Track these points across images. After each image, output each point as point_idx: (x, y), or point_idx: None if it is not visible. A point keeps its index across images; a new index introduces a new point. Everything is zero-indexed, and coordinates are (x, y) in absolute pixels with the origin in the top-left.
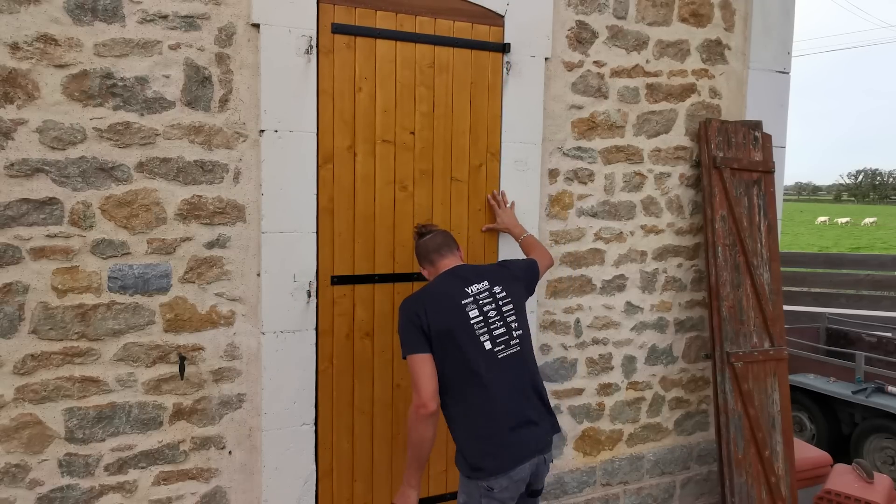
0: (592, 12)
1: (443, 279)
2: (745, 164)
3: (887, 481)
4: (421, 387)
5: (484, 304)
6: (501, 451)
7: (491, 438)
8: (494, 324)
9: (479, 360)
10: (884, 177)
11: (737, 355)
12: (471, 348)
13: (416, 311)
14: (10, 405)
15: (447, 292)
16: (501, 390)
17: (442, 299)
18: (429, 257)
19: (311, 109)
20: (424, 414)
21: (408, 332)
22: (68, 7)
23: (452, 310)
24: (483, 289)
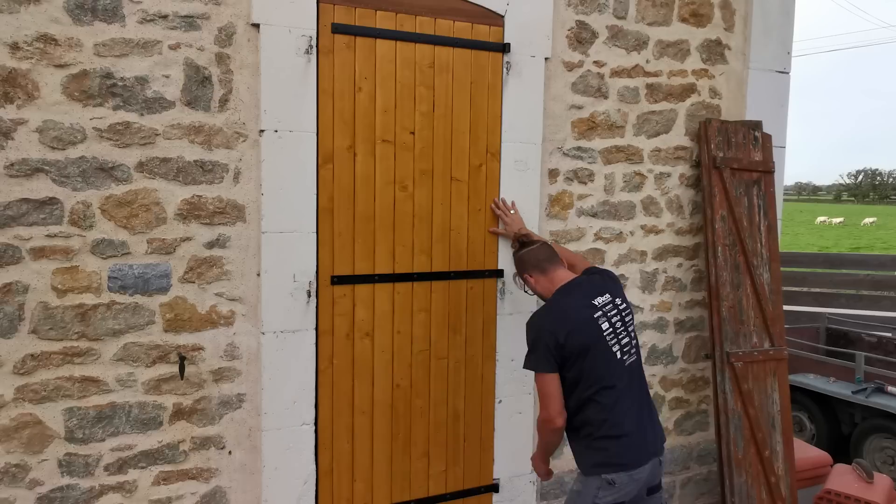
0: (592, 12)
1: (568, 293)
2: (745, 164)
3: (887, 481)
4: (549, 405)
5: (612, 316)
6: (626, 452)
7: (619, 439)
8: (621, 333)
9: (610, 370)
10: (884, 177)
11: (737, 355)
12: (603, 360)
13: (551, 332)
14: (10, 405)
15: (578, 308)
16: (627, 397)
17: (576, 316)
18: (540, 266)
19: (310, 109)
20: (551, 428)
21: (540, 351)
22: (68, 7)
23: (587, 325)
24: (607, 301)
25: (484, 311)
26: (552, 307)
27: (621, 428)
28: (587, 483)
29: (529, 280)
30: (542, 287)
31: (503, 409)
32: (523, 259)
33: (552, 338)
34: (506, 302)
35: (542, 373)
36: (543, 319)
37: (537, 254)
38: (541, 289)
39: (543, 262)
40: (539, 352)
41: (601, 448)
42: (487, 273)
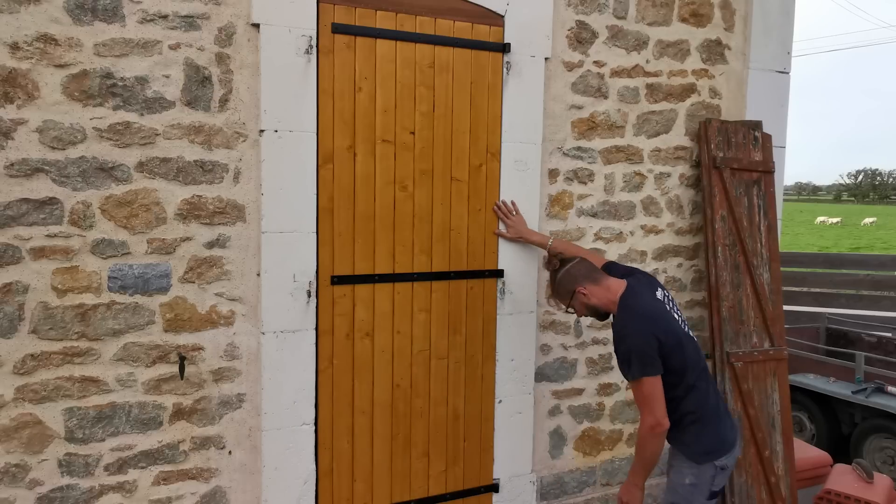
0: (592, 12)
1: (638, 295)
2: (745, 164)
3: (887, 481)
4: (656, 407)
5: (673, 309)
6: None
7: (721, 421)
8: (685, 325)
9: (698, 356)
10: (884, 177)
11: (737, 355)
12: (691, 348)
13: (652, 332)
14: (10, 405)
15: (656, 305)
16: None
17: (661, 313)
18: (591, 276)
19: (311, 109)
20: (660, 432)
21: (646, 354)
22: (68, 7)
23: (671, 321)
24: (663, 296)
25: (484, 311)
26: (636, 310)
27: (718, 408)
28: (701, 472)
29: (582, 294)
30: (598, 298)
31: (503, 409)
32: (572, 274)
33: (653, 338)
34: (506, 302)
35: (651, 376)
36: (637, 324)
37: (582, 266)
38: (596, 300)
39: (593, 272)
40: (645, 356)
41: (710, 433)
42: (487, 273)
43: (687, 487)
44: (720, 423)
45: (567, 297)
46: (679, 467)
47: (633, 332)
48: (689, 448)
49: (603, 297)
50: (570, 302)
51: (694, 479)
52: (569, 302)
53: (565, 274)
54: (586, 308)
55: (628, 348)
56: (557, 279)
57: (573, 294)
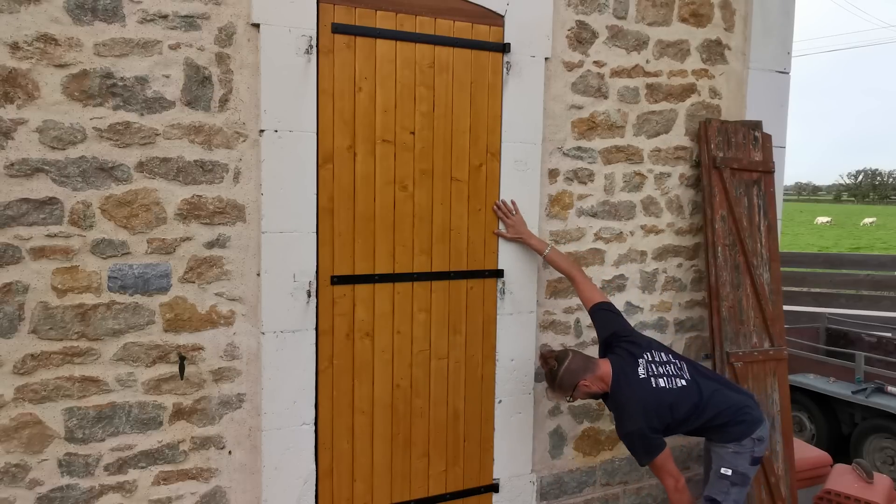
0: (592, 12)
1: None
2: (745, 164)
3: (887, 481)
4: (674, 471)
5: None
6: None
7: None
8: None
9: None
10: (884, 177)
11: (737, 355)
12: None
13: (647, 425)
14: (10, 405)
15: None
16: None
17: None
18: (588, 367)
19: (310, 109)
20: (682, 486)
21: (646, 438)
22: (68, 7)
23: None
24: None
25: (484, 311)
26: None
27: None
28: (742, 445)
29: (585, 385)
30: (597, 386)
31: (503, 409)
32: (572, 370)
33: (649, 426)
34: (506, 302)
35: (662, 452)
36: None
37: (578, 360)
38: (596, 388)
39: (588, 363)
40: (647, 441)
41: (733, 424)
42: (487, 273)
43: (730, 454)
44: (738, 411)
45: (570, 390)
46: (720, 452)
47: (631, 431)
48: (727, 435)
49: (599, 384)
50: (572, 393)
51: (736, 447)
52: (571, 394)
53: (566, 372)
54: (586, 396)
55: (632, 444)
56: (559, 378)
57: (576, 387)
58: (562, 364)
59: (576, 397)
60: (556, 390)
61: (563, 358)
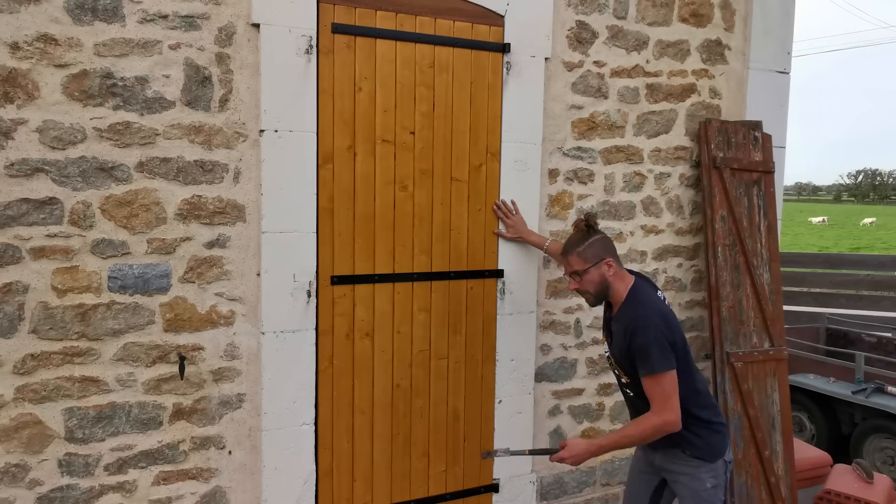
0: (592, 12)
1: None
2: (745, 164)
3: (887, 481)
4: (674, 405)
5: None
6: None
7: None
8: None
9: (693, 363)
10: (884, 177)
11: (737, 355)
12: (690, 354)
13: (666, 327)
14: (10, 405)
15: (663, 304)
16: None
17: (668, 311)
18: (617, 256)
19: (311, 109)
20: (669, 430)
21: (662, 347)
22: (68, 7)
23: (675, 319)
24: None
25: (484, 311)
26: (648, 304)
27: (717, 407)
28: (717, 471)
29: (609, 267)
30: (615, 280)
31: (503, 409)
32: (607, 241)
33: (668, 332)
34: (506, 302)
35: (669, 370)
36: (654, 316)
37: (612, 243)
38: (613, 279)
39: (617, 254)
40: (664, 349)
41: (719, 431)
42: (487, 273)
43: (710, 491)
44: (720, 420)
45: (593, 260)
46: (694, 474)
47: (650, 325)
48: (701, 450)
49: (619, 281)
50: (588, 268)
51: (714, 479)
52: (588, 267)
53: (602, 239)
54: (598, 284)
55: (646, 340)
56: (592, 240)
57: (600, 262)
58: (599, 233)
59: (587, 277)
60: (573, 254)
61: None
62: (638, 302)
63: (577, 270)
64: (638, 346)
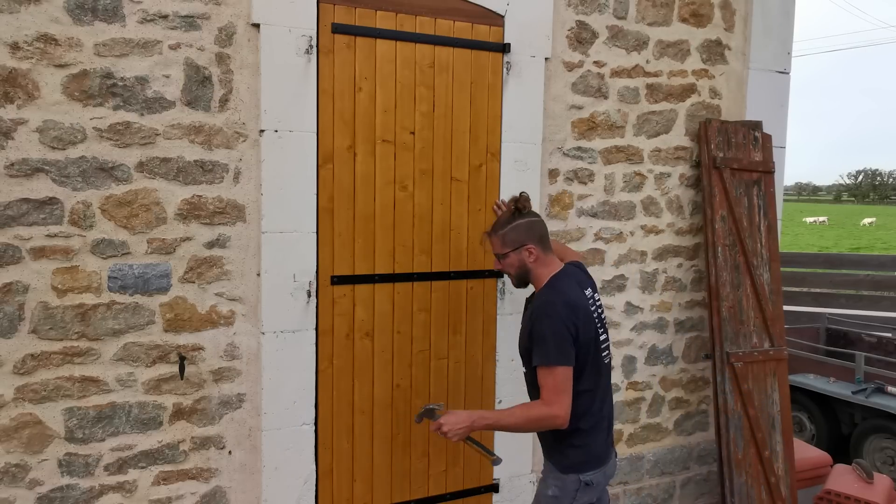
0: (592, 12)
1: (567, 280)
2: (745, 164)
3: (887, 481)
4: (565, 402)
5: (596, 311)
6: (602, 446)
7: (597, 439)
8: (600, 330)
9: (599, 365)
10: (884, 177)
11: (737, 355)
12: (596, 353)
13: (571, 319)
14: (10, 405)
15: (582, 297)
16: (606, 396)
17: (584, 306)
18: (543, 242)
19: (311, 109)
20: (557, 425)
21: (560, 340)
22: (68, 7)
23: (590, 318)
24: (590, 295)
25: (484, 311)
26: (563, 293)
27: (602, 423)
28: (565, 485)
29: (529, 252)
30: (537, 266)
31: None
32: (533, 228)
33: (573, 327)
34: (506, 302)
35: (565, 365)
36: (560, 306)
37: (542, 228)
38: (534, 265)
39: (547, 240)
40: (564, 342)
41: (584, 444)
42: (487, 273)
43: (549, 499)
44: (595, 437)
45: (513, 245)
46: (546, 477)
47: (554, 316)
48: (554, 456)
49: (541, 268)
50: (508, 252)
51: (557, 490)
52: (508, 251)
53: (527, 224)
54: (517, 268)
55: (547, 330)
56: (516, 223)
57: (521, 247)
58: (527, 217)
59: (507, 261)
60: (496, 235)
61: (533, 215)
62: (553, 289)
63: (497, 253)
64: (538, 334)
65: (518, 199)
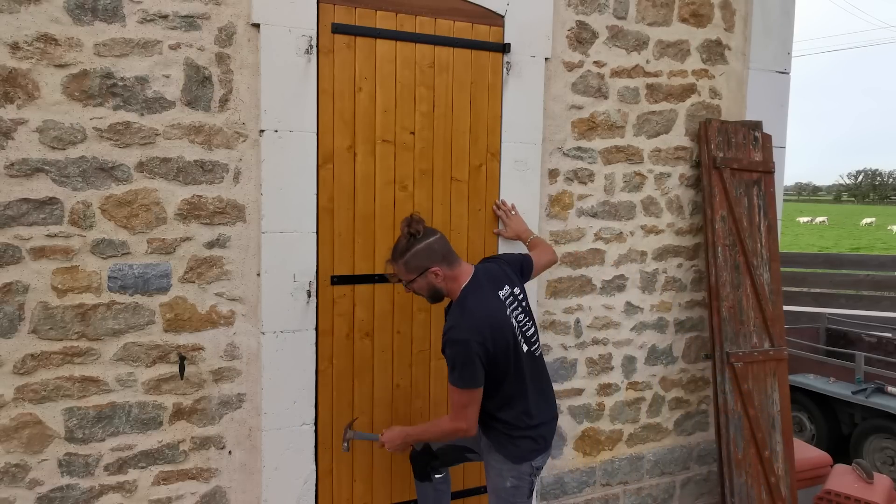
0: (592, 12)
1: (478, 291)
2: (745, 164)
3: (887, 481)
4: (470, 416)
5: (514, 309)
6: (541, 436)
7: (536, 428)
8: (525, 325)
9: (522, 364)
10: (884, 177)
11: (737, 355)
12: (517, 356)
13: (481, 342)
14: (10, 405)
15: (494, 307)
16: (537, 385)
17: (497, 316)
18: (448, 258)
19: (311, 109)
20: (462, 435)
21: (467, 366)
22: (68, 7)
23: (504, 324)
24: (508, 293)
25: None
26: (471, 312)
27: (538, 416)
28: (521, 473)
29: (435, 274)
30: (447, 283)
31: None
32: (433, 249)
33: (482, 348)
34: None
35: (473, 388)
36: (469, 331)
37: (443, 244)
38: (443, 284)
39: (450, 254)
40: (473, 367)
41: (527, 437)
42: None
43: (509, 490)
44: (541, 429)
45: (417, 271)
46: (498, 468)
47: (464, 341)
48: (504, 448)
49: (451, 283)
50: (414, 278)
51: (515, 480)
52: (414, 277)
53: (426, 247)
54: (427, 290)
55: (454, 355)
56: (415, 249)
57: (425, 271)
58: (426, 238)
59: (415, 286)
60: (398, 263)
61: (429, 233)
62: (462, 309)
63: (402, 280)
64: (447, 356)
65: (410, 223)
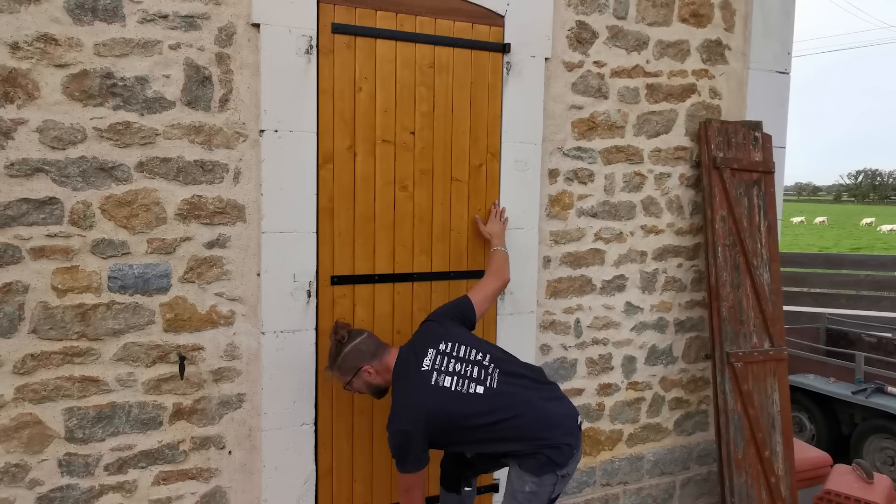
0: (592, 12)
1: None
2: (745, 164)
3: (887, 481)
4: (413, 498)
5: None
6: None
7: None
8: (468, 370)
9: (490, 402)
10: (884, 177)
11: (737, 355)
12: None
13: (416, 431)
14: (10, 405)
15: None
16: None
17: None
18: (376, 354)
19: (311, 109)
20: None
21: (405, 453)
22: (68, 7)
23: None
24: (433, 356)
25: None
26: (399, 404)
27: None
28: (543, 482)
29: (368, 373)
30: (380, 377)
31: None
32: (360, 350)
33: (422, 432)
34: (506, 302)
35: (417, 471)
36: (405, 422)
37: (370, 343)
38: (379, 379)
39: (378, 348)
40: (408, 453)
41: (539, 457)
42: None
43: (526, 494)
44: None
45: (350, 373)
46: (519, 472)
47: (402, 433)
48: (527, 464)
49: (383, 375)
50: (350, 380)
51: (535, 486)
52: (350, 379)
53: (353, 350)
54: (367, 387)
55: (398, 445)
56: (343, 354)
57: (358, 371)
58: (351, 341)
59: (355, 386)
60: (334, 369)
61: (355, 335)
62: (393, 400)
63: (342, 383)
64: (391, 446)
65: (335, 330)
